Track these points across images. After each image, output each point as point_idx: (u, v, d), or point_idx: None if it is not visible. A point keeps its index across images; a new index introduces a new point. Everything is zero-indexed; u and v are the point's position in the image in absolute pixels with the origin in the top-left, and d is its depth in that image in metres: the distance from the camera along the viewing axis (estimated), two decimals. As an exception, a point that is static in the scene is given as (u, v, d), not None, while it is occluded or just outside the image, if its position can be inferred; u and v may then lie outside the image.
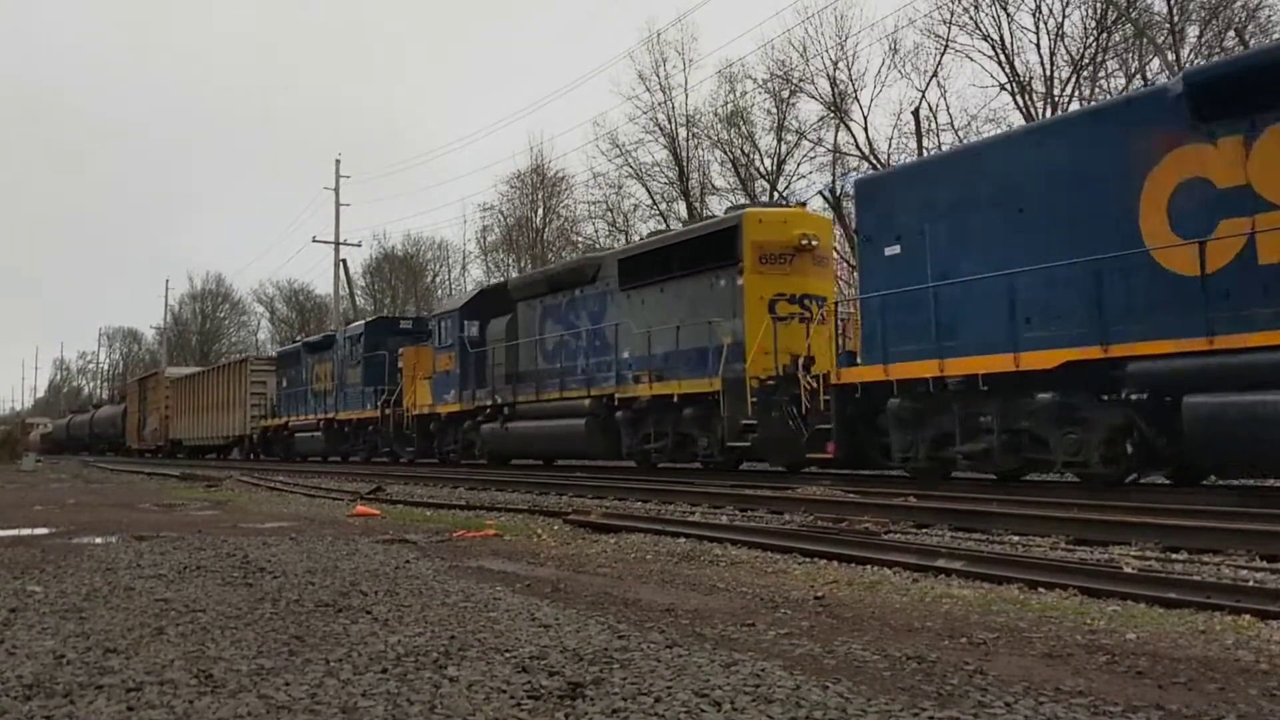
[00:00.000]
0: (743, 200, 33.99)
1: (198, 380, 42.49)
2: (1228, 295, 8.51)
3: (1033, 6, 29.43)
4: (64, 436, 69.89)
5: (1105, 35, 28.45)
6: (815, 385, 12.66)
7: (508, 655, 3.63)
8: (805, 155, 36.82)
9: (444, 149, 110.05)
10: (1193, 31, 27.40)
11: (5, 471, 27.85)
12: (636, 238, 36.82)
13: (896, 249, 11.67)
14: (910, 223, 11.52)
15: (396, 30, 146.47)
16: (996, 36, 30.14)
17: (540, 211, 50.29)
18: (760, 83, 36.66)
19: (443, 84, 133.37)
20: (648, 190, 41.53)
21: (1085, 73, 28.57)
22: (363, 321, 28.86)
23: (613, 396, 16.49)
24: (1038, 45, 29.58)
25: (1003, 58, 30.11)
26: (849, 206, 35.22)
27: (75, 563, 6.42)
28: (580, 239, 44.66)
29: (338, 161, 48.17)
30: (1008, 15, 29.89)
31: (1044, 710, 2.90)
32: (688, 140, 39.71)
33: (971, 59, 31.14)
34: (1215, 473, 9.95)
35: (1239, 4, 26.14)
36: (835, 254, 24.69)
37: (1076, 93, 28.89)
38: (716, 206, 37.73)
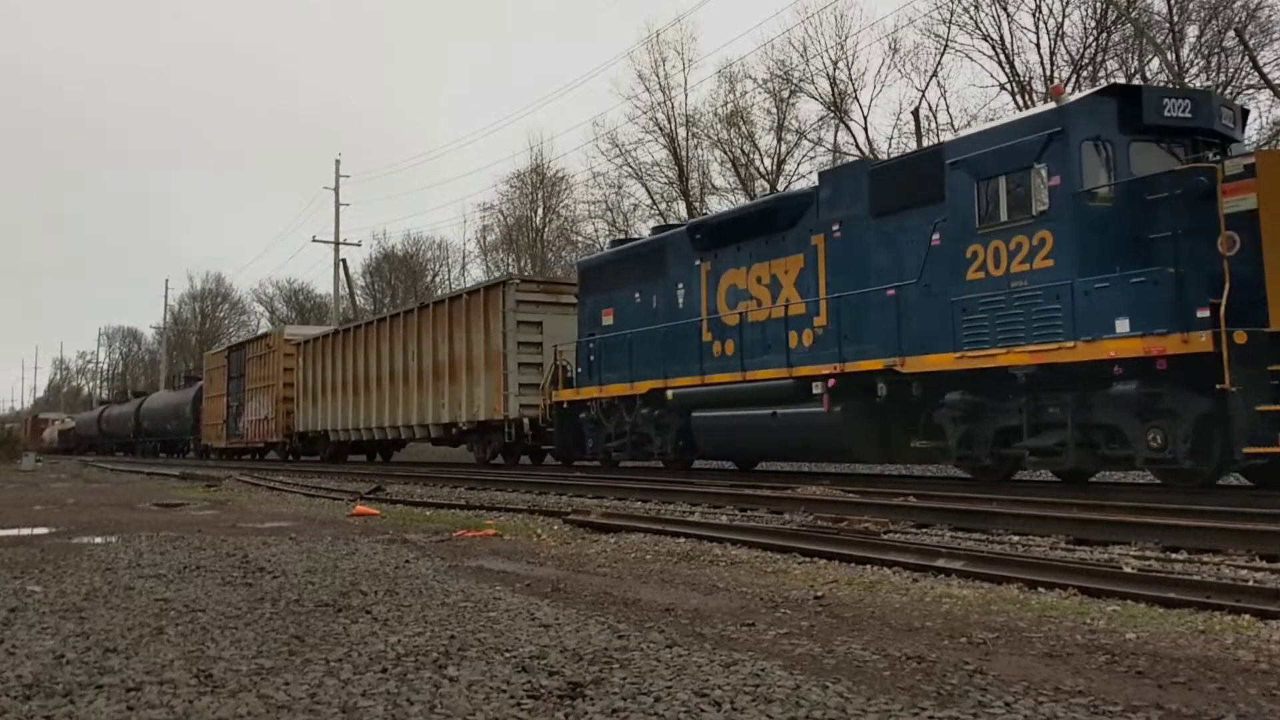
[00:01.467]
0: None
1: (363, 336, 26.64)
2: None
3: (1033, 6, 29.47)
4: (94, 433, 57.22)
5: (1105, 35, 28.46)
6: None
7: (508, 655, 3.63)
8: (805, 155, 36.89)
9: (444, 149, 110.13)
10: (1192, 31, 27.44)
11: (4, 471, 27.84)
12: (644, 229, 36.44)
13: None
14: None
15: (397, 30, 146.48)
16: (996, 36, 30.18)
17: (540, 211, 50.35)
18: (760, 82, 36.73)
19: (443, 84, 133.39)
20: (647, 190, 41.57)
21: (1085, 72, 28.57)
22: (1047, 106, 11.04)
23: None
24: (1038, 45, 29.62)
25: (1003, 57, 30.15)
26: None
27: (75, 562, 6.42)
28: (580, 239, 44.70)
29: (337, 161, 48.43)
30: (1007, 15, 29.92)
31: (1043, 710, 2.90)
32: (687, 140, 39.76)
33: (971, 59, 31.19)
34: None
35: (1239, 4, 26.16)
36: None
37: (1076, 92, 28.88)
38: (716, 205, 37.73)
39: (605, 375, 17.00)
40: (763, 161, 37.91)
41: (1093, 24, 28.64)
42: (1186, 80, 25.98)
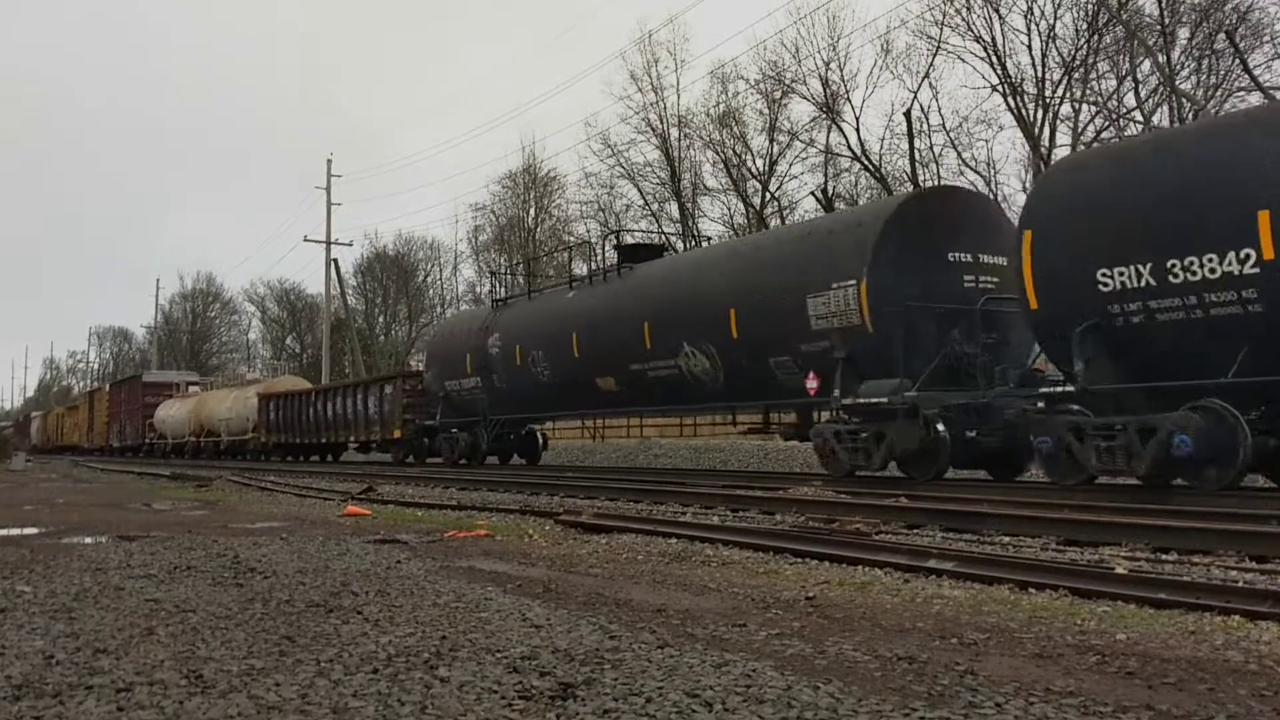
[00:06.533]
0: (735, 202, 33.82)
1: None
2: None
3: (1024, 8, 29.56)
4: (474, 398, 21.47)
5: (1097, 37, 28.54)
6: None
7: (499, 655, 3.62)
8: (797, 156, 37.04)
9: (436, 149, 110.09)
10: (1183, 34, 27.53)
11: (-6, 471, 27.70)
12: (629, 237, 36.23)
13: None
14: None
15: (388, 30, 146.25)
16: (988, 38, 30.26)
17: (532, 211, 50.34)
18: (752, 83, 36.85)
19: (435, 84, 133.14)
20: (639, 190, 41.66)
21: (1076, 74, 28.66)
22: None
23: None
24: (1029, 47, 29.71)
25: (994, 59, 30.22)
26: (840, 209, 35.40)
27: (65, 563, 6.40)
28: (572, 238, 44.73)
29: (329, 161, 47.77)
30: (999, 17, 30.00)
31: (1034, 710, 2.91)
32: (680, 140, 39.82)
33: (964, 60, 31.26)
34: None
35: (1230, 6, 26.26)
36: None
37: (1068, 94, 28.98)
38: (708, 206, 37.83)
39: None
40: (755, 162, 38.01)
41: (1084, 26, 28.75)
42: (1177, 83, 26.09)
